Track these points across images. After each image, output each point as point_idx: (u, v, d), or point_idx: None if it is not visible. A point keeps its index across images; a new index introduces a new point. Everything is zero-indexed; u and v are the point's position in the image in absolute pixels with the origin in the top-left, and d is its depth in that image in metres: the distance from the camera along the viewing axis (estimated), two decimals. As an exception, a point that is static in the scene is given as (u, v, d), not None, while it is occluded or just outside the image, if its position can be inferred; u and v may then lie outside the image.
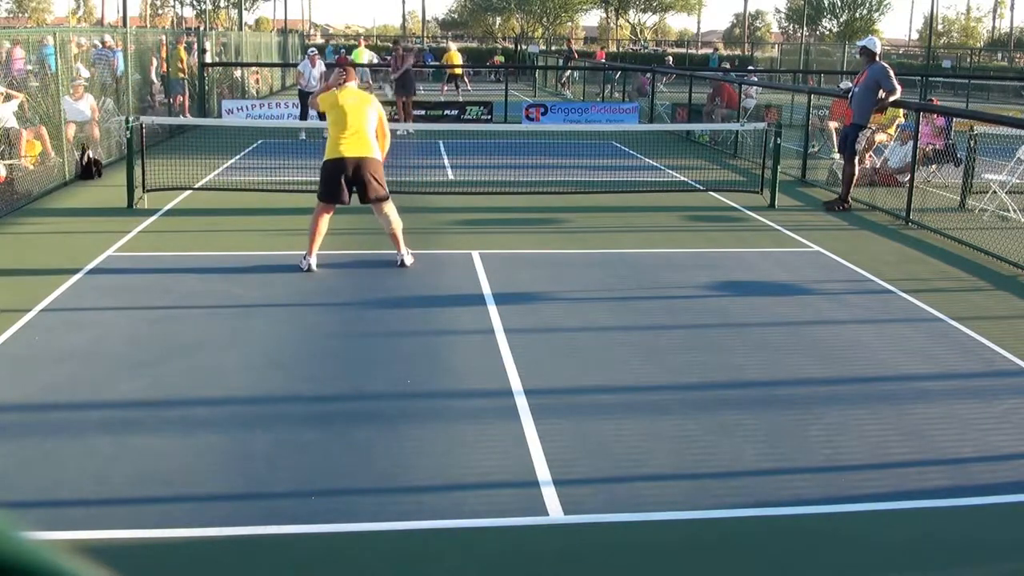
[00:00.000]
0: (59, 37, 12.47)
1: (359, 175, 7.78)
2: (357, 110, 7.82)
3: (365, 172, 7.77)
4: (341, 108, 7.79)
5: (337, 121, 7.79)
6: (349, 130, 7.77)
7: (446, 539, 3.80)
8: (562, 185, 12.23)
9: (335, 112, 7.80)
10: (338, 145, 7.78)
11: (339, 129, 7.78)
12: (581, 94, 30.96)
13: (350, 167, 7.76)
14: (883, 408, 5.26)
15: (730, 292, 7.60)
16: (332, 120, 7.83)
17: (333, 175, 7.82)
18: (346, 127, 7.76)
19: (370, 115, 7.87)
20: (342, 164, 7.77)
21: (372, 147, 7.86)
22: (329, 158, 7.85)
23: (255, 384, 5.42)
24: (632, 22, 67.18)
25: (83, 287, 7.28)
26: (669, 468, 4.47)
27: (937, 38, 65.31)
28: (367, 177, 7.78)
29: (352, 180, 7.81)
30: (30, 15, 75.98)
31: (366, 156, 7.79)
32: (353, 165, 7.75)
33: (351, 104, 7.83)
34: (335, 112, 7.80)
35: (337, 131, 7.79)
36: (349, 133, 7.76)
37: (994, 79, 39.45)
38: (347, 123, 7.76)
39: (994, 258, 8.80)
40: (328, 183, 7.87)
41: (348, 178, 7.79)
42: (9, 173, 10.74)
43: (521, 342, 6.17)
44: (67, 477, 4.21)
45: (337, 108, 7.80)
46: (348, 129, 7.76)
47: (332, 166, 7.83)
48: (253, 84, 26.64)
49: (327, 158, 7.89)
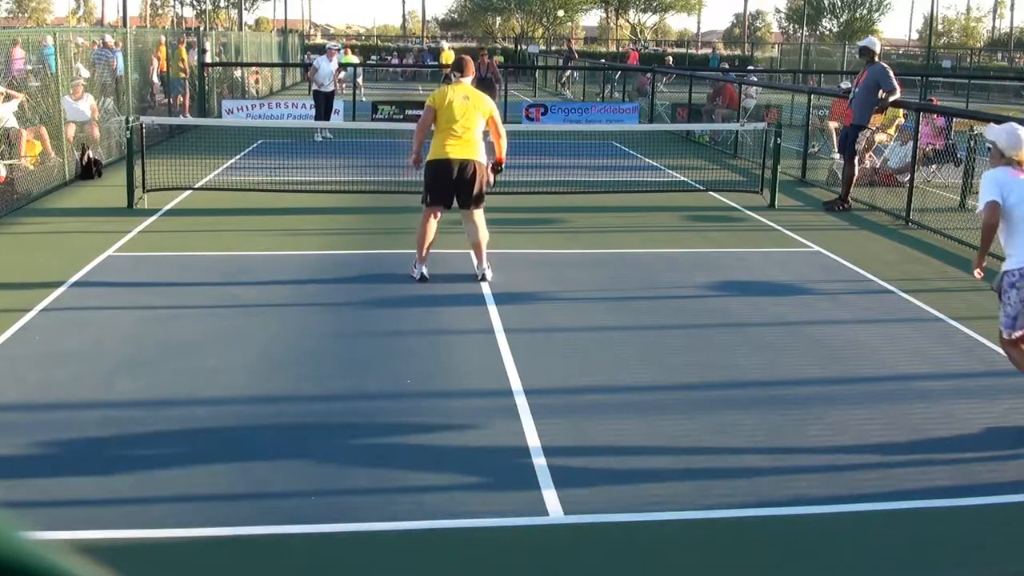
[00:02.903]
0: (59, 37, 12.47)
1: (463, 178, 7.39)
2: (466, 110, 7.40)
3: (469, 175, 7.39)
4: (450, 106, 7.37)
5: (445, 120, 7.37)
6: (461, 131, 7.37)
7: (446, 539, 3.80)
8: (562, 185, 12.23)
9: (444, 111, 7.38)
10: (444, 146, 7.38)
11: (447, 128, 7.37)
12: (581, 94, 30.97)
13: (455, 169, 7.37)
14: (883, 408, 5.26)
15: (730, 292, 7.60)
16: (440, 118, 7.40)
17: (437, 177, 7.43)
18: (454, 127, 7.35)
19: (480, 116, 7.45)
20: (447, 166, 7.37)
21: (479, 150, 7.47)
22: (433, 158, 7.44)
23: (255, 384, 5.42)
24: (632, 22, 67.17)
25: (83, 287, 7.28)
26: (669, 468, 4.47)
27: (937, 38, 65.31)
28: (470, 180, 7.39)
29: (456, 183, 7.41)
30: (30, 15, 75.96)
31: (471, 159, 7.40)
32: (458, 167, 7.37)
33: (459, 103, 7.39)
34: (444, 111, 7.38)
35: (444, 130, 7.38)
36: (457, 134, 7.37)
37: (994, 79, 39.43)
38: (456, 123, 7.35)
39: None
40: (432, 186, 7.47)
41: (453, 180, 7.40)
42: (9, 173, 10.74)
43: (521, 342, 6.17)
44: (67, 477, 4.21)
45: (446, 107, 7.38)
46: (460, 129, 7.37)
47: (437, 168, 7.42)
48: (253, 84, 26.63)
49: (430, 158, 7.48)
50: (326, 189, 11.40)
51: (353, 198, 11.09)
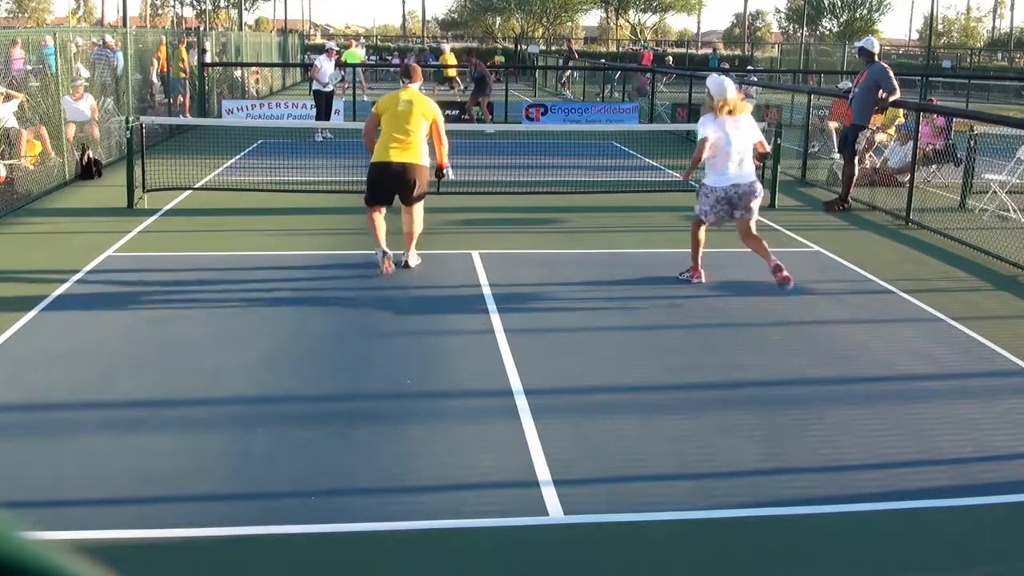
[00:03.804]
0: (59, 37, 12.47)
1: (404, 181, 7.65)
2: (409, 115, 7.63)
3: (410, 179, 7.64)
4: (394, 111, 7.63)
5: (388, 124, 7.62)
6: (401, 134, 7.60)
7: (446, 539, 3.80)
8: (562, 185, 12.23)
9: (388, 115, 7.63)
10: (387, 147, 7.62)
11: (389, 132, 7.61)
12: (581, 94, 30.96)
13: (395, 172, 7.62)
14: (883, 408, 5.26)
15: (730, 292, 7.60)
16: (384, 123, 7.65)
17: (377, 178, 7.70)
18: (398, 131, 7.60)
19: (424, 120, 7.67)
20: (387, 169, 7.63)
21: (421, 153, 7.69)
22: (375, 160, 7.70)
23: (255, 384, 5.42)
24: (632, 22, 67.15)
25: (83, 287, 7.28)
26: (669, 468, 4.47)
27: (937, 38, 65.29)
28: (411, 183, 7.66)
29: (396, 185, 7.68)
30: (30, 15, 75.95)
31: (414, 163, 7.63)
32: (399, 170, 7.61)
33: (403, 108, 7.65)
34: (388, 115, 7.63)
35: (387, 133, 7.62)
36: (401, 138, 7.60)
37: (994, 79, 39.41)
38: (397, 127, 7.60)
39: (994, 258, 8.80)
40: (371, 186, 7.75)
41: (392, 182, 7.66)
42: (9, 173, 10.74)
43: (521, 342, 6.17)
44: (67, 477, 4.21)
45: (390, 111, 7.64)
46: (400, 133, 7.60)
47: (377, 169, 7.69)
48: (253, 84, 26.63)
49: (372, 160, 7.73)
50: (326, 189, 11.40)
51: (353, 198, 11.03)
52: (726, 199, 7.24)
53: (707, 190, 7.32)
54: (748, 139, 7.31)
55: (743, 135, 7.26)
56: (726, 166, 7.18)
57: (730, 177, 7.19)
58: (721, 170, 7.20)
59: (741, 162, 7.23)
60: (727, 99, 7.22)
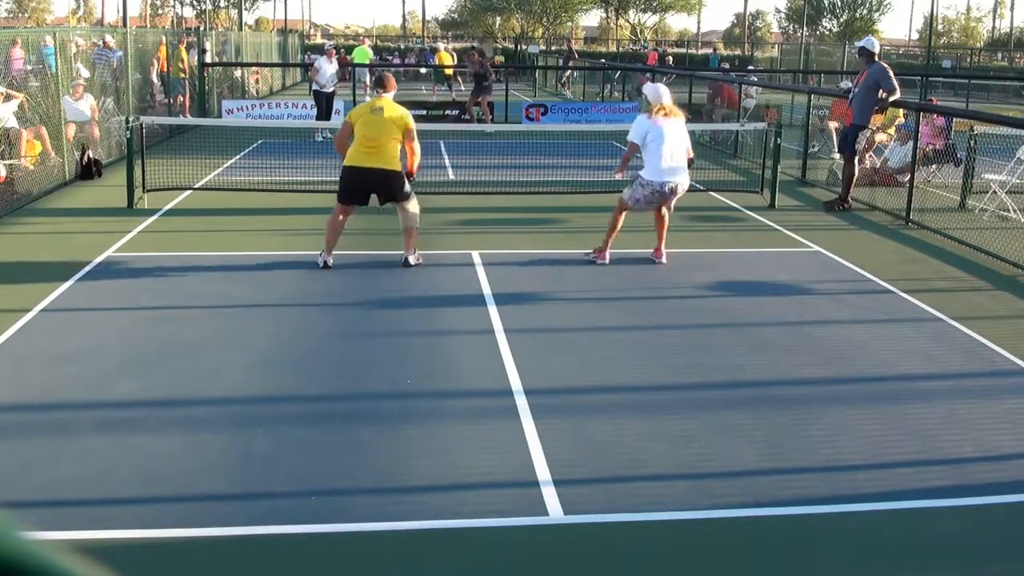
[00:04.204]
0: (59, 37, 12.47)
1: (378, 184, 7.79)
2: (380, 123, 7.72)
3: (384, 182, 7.77)
4: (365, 119, 7.74)
5: (359, 132, 7.73)
6: (372, 141, 7.70)
7: (446, 539, 3.80)
8: (562, 185, 12.23)
9: (360, 124, 7.75)
10: (360, 153, 7.72)
11: (363, 138, 7.71)
12: (581, 94, 30.96)
13: (369, 176, 7.74)
14: (883, 408, 5.26)
15: (730, 292, 7.60)
16: (356, 131, 7.76)
17: (349, 181, 7.81)
18: (369, 138, 7.70)
19: (397, 131, 7.75)
20: (359, 173, 7.74)
21: (394, 160, 7.79)
22: (348, 164, 7.79)
23: (255, 384, 5.42)
24: (632, 22, 67.15)
25: (83, 287, 7.28)
26: (669, 468, 4.47)
27: (937, 38, 65.29)
28: (385, 186, 7.80)
29: (371, 187, 7.83)
30: (30, 15, 75.95)
31: (386, 168, 7.73)
32: (371, 175, 7.73)
33: (374, 117, 7.75)
34: (360, 124, 7.75)
35: (359, 141, 7.73)
36: (372, 144, 7.70)
37: (994, 79, 39.42)
38: (370, 134, 7.70)
39: (994, 258, 8.80)
40: (343, 188, 7.87)
41: (366, 185, 7.81)
42: (9, 173, 10.74)
43: (521, 342, 6.17)
44: (67, 477, 4.21)
45: (362, 120, 7.75)
46: (371, 140, 7.70)
47: (350, 174, 7.79)
48: (253, 84, 26.63)
49: (345, 164, 7.83)
50: (326, 189, 11.37)
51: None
52: (660, 193, 7.93)
53: (644, 182, 7.94)
54: (680, 141, 7.99)
55: (675, 135, 7.95)
56: (660, 161, 7.84)
57: (665, 172, 7.86)
58: (657, 165, 7.85)
59: (673, 157, 7.88)
60: (663, 104, 8.04)
